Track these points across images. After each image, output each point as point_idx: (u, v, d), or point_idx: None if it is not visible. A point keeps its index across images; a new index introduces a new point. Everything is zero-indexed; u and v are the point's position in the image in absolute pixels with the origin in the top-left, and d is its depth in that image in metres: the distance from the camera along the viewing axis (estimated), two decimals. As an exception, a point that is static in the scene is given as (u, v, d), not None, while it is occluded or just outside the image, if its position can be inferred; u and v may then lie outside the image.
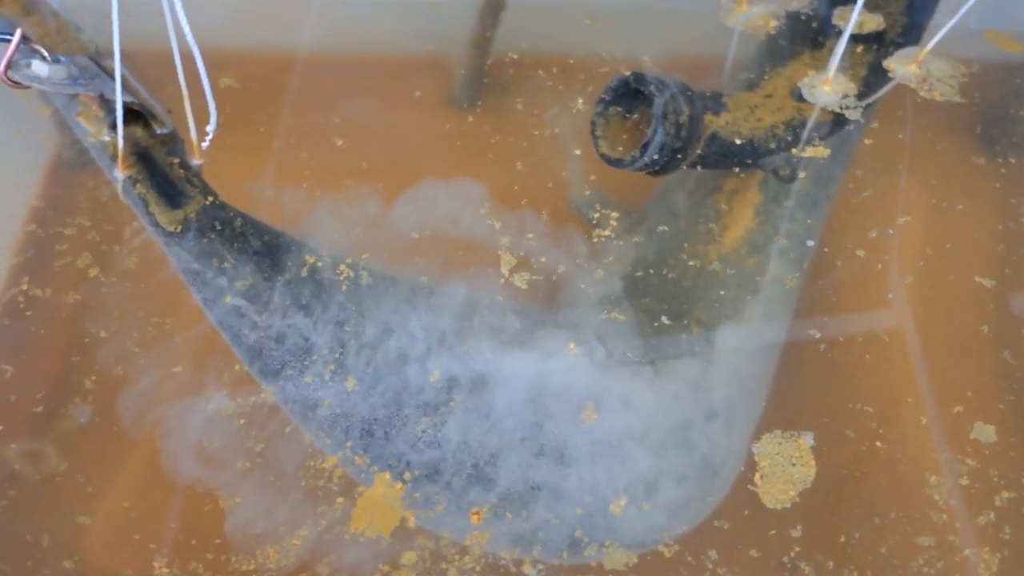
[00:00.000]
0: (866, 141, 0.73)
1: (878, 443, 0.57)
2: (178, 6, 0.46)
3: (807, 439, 0.57)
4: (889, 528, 0.55)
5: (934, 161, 0.73)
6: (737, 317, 0.63)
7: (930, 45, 0.71)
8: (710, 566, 0.54)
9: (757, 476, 0.56)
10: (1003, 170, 0.72)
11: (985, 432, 0.58)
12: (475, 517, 0.55)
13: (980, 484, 0.56)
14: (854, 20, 0.68)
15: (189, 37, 0.49)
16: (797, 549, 0.54)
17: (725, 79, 0.78)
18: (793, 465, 0.56)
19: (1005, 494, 0.56)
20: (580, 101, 0.75)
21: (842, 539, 0.54)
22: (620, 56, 0.79)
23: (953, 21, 0.66)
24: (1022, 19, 0.85)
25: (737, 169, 0.71)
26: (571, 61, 0.78)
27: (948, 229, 0.68)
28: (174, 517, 0.54)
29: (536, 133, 0.73)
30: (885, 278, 0.65)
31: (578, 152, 0.72)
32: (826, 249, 0.67)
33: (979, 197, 0.70)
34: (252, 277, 0.63)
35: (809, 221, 0.68)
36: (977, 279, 0.65)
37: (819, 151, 0.70)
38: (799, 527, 0.54)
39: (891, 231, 0.67)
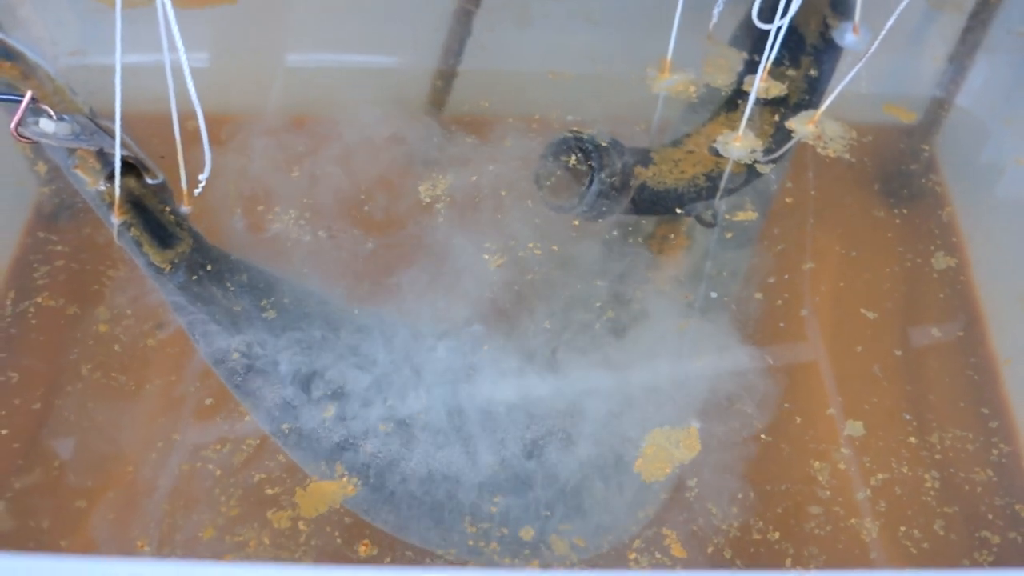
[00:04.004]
0: (786, 200, 0.83)
1: (762, 435, 0.66)
2: (186, 73, 0.54)
3: (695, 424, 0.66)
4: (781, 495, 0.63)
5: (840, 214, 0.82)
6: (657, 350, 0.72)
7: (823, 107, 0.82)
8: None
9: (639, 462, 0.64)
10: (897, 220, 0.82)
11: (855, 427, 0.68)
12: (364, 549, 0.59)
13: (856, 468, 0.65)
14: (756, 86, 0.79)
15: (194, 98, 0.57)
16: (697, 491, 0.62)
17: (653, 136, 0.88)
18: (676, 447, 0.65)
19: (879, 475, 0.65)
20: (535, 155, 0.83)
21: (739, 495, 0.62)
22: (563, 116, 0.88)
23: (841, 86, 0.77)
24: (912, 87, 0.97)
25: (665, 215, 0.80)
26: (514, 120, 0.87)
27: (843, 271, 0.78)
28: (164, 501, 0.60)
29: (498, 184, 0.81)
30: (782, 312, 0.75)
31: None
32: (723, 297, 0.76)
33: (874, 245, 0.80)
34: (237, 311, 0.70)
35: (730, 267, 0.78)
36: (862, 311, 0.75)
37: (748, 215, 0.80)
38: (695, 479, 0.63)
39: (786, 276, 0.77)
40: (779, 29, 0.73)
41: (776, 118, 0.85)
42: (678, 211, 0.79)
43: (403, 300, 0.73)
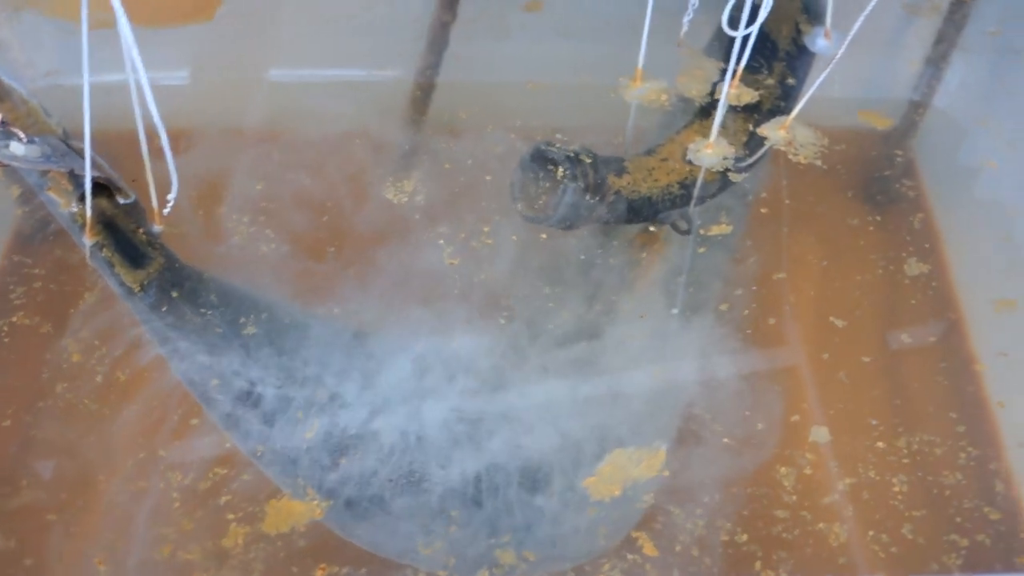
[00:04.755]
0: (760, 209, 0.83)
1: (725, 439, 0.67)
2: (147, 90, 0.54)
3: (662, 447, 0.66)
4: (747, 499, 0.63)
5: (813, 221, 0.82)
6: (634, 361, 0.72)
7: (794, 112, 0.83)
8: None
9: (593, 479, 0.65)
10: (871, 228, 0.83)
11: (820, 433, 0.68)
12: (321, 572, 0.59)
13: (822, 474, 0.65)
14: (726, 92, 0.79)
15: (156, 119, 0.57)
16: (653, 502, 0.62)
17: (627, 145, 0.88)
18: (636, 465, 0.65)
19: (847, 480, 0.65)
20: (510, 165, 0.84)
21: (705, 499, 0.63)
22: (539, 125, 0.89)
23: (811, 91, 0.78)
24: (888, 91, 0.97)
25: (640, 224, 0.81)
26: (495, 129, 0.88)
27: (815, 280, 0.78)
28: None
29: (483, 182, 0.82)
30: (749, 321, 0.75)
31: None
32: (691, 307, 0.76)
33: (847, 252, 0.80)
34: (210, 330, 0.70)
35: (701, 277, 0.78)
36: (831, 319, 0.75)
37: (723, 228, 0.81)
38: (651, 493, 0.63)
39: (753, 288, 0.77)
40: (747, 36, 0.74)
41: (750, 125, 0.86)
42: (651, 228, 0.80)
43: (380, 312, 0.73)
